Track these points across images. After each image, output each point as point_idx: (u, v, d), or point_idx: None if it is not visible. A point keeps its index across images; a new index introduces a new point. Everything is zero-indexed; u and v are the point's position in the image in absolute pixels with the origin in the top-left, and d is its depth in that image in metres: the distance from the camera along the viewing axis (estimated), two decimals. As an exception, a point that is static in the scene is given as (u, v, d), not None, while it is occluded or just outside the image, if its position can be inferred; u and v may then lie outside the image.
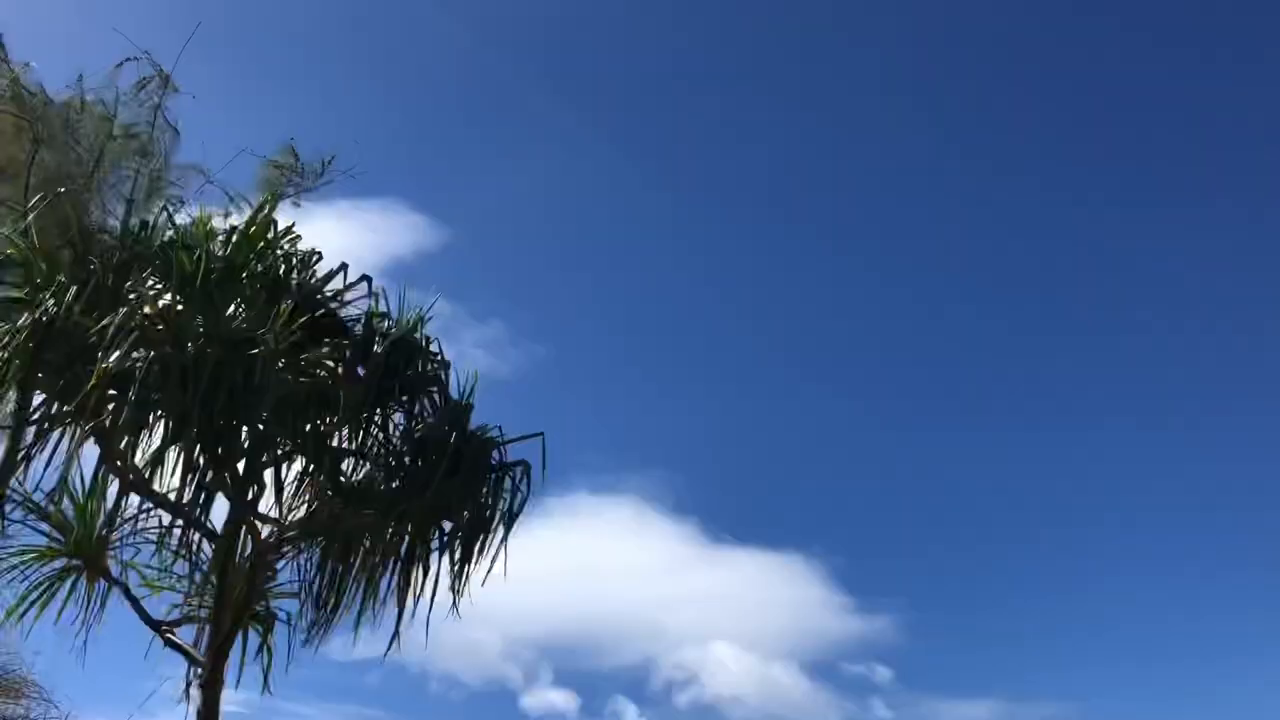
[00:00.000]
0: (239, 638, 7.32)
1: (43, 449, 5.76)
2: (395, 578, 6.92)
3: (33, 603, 6.92)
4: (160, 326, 5.76)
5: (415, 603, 6.84)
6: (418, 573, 6.90)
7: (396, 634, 6.74)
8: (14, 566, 6.81)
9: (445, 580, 6.84)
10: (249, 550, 7.04)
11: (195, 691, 6.53)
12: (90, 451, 5.86)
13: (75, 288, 5.84)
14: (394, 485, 6.69)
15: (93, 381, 5.28)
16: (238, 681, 7.26)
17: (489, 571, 6.84)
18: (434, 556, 6.95)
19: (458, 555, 6.86)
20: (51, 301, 5.83)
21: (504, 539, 6.83)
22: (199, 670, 6.60)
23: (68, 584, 7.02)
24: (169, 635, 7.03)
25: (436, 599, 6.77)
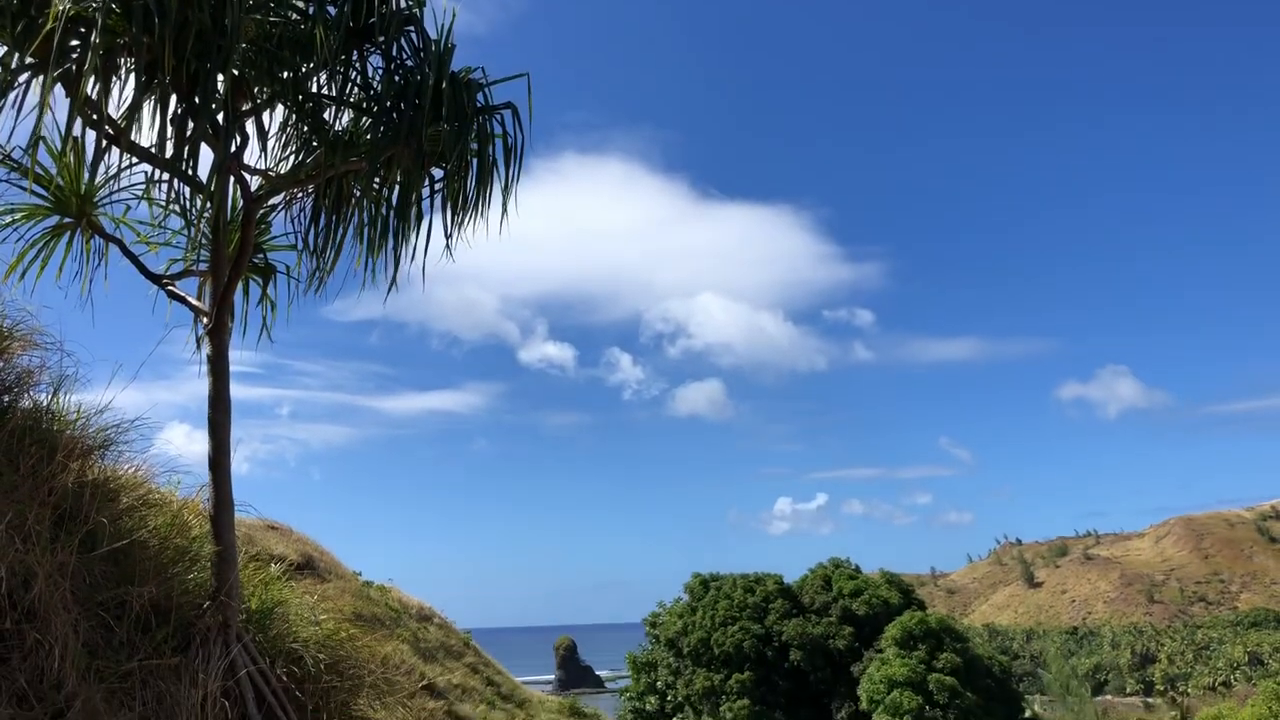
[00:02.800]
0: (240, 292, 7.46)
1: (12, 103, 5.56)
2: (389, 228, 6.94)
3: (32, 260, 6.95)
4: (114, -35, 5.39)
5: (411, 255, 6.91)
6: (411, 223, 6.91)
7: (393, 280, 6.85)
8: (5, 225, 6.77)
9: (440, 231, 6.88)
10: (240, 204, 7.04)
11: (204, 340, 6.73)
12: (66, 107, 5.66)
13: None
14: (379, 132, 6.54)
15: (50, 24, 5.01)
16: (243, 333, 7.48)
17: (478, 220, 6.86)
18: (427, 206, 6.96)
19: (450, 202, 6.86)
20: (-10, -63, 5.43)
21: (505, 180, 6.80)
22: (205, 320, 6.76)
23: (63, 241, 7.03)
24: (171, 288, 7.14)
25: (431, 250, 6.83)
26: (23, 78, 5.36)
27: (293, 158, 7.01)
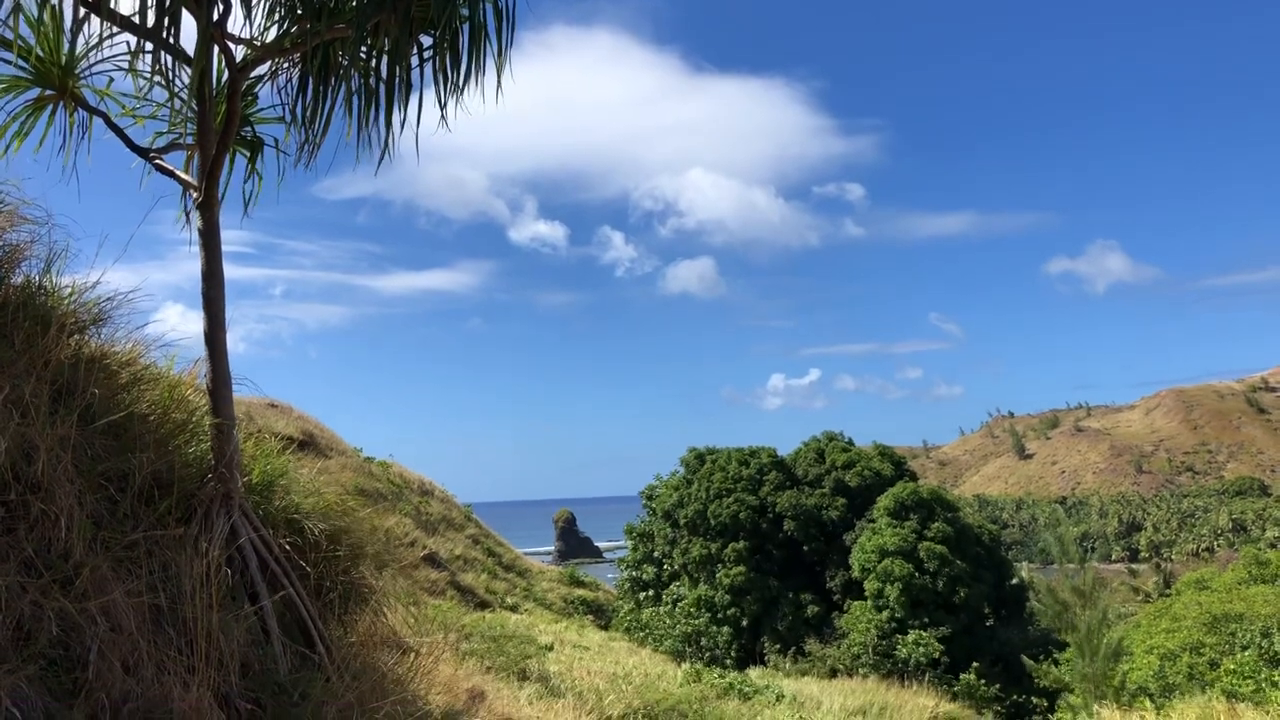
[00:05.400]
0: (228, 165, 7.34)
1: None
2: (377, 98, 6.80)
3: (14, 135, 6.81)
4: None
5: (402, 125, 6.76)
6: (399, 91, 6.76)
7: (385, 149, 6.72)
8: (-16, 98, 6.61)
9: (430, 105, 6.73)
10: (225, 75, 6.88)
11: (194, 214, 6.66)
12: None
13: None
14: (365, -2, 6.34)
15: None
16: (224, 197, 7.36)
17: (471, 90, 6.71)
18: (416, 77, 6.79)
19: (442, 71, 6.70)
20: None
21: (499, 46, 6.62)
22: (194, 194, 6.67)
23: (46, 114, 6.88)
24: (158, 161, 7.03)
25: (423, 123, 6.68)
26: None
27: (277, 26, 6.82)
